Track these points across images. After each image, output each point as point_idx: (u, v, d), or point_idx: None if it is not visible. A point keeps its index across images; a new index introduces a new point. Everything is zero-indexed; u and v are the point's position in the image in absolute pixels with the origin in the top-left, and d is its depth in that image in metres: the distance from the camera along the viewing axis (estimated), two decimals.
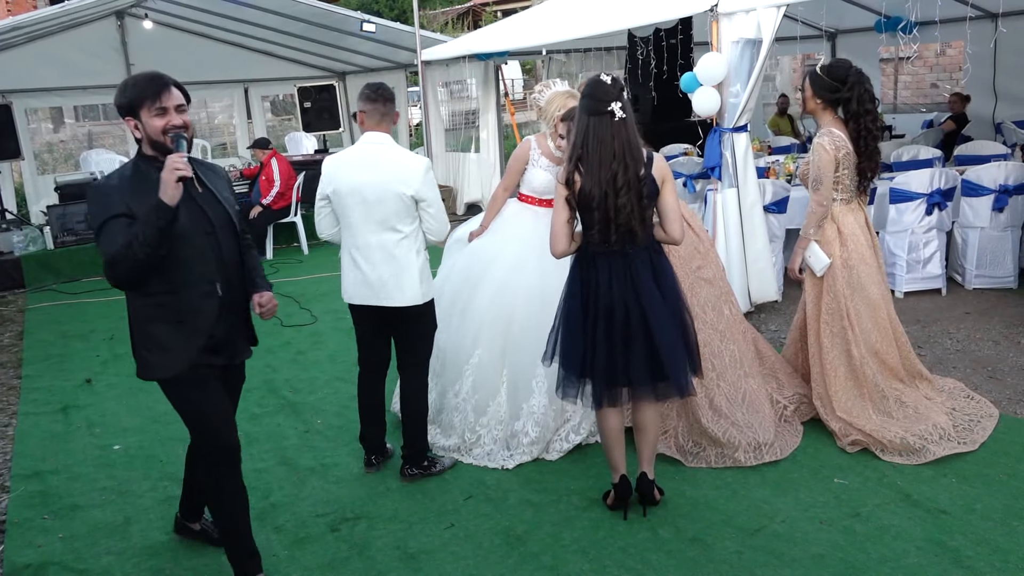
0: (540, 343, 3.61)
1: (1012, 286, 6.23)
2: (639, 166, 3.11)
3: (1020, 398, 4.35)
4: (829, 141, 3.87)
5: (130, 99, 2.76)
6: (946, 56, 13.37)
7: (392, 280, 3.65)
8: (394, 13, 25.09)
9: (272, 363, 5.72)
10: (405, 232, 3.62)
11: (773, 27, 5.31)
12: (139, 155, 2.85)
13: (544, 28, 8.64)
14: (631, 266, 3.17)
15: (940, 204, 6.09)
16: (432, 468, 3.89)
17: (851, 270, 3.97)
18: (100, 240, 2.72)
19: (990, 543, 3.09)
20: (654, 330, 3.16)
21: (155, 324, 2.84)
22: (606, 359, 3.19)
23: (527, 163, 4.15)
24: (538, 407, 3.94)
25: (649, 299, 3.17)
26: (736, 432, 3.83)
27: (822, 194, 3.89)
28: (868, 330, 4.01)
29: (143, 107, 2.75)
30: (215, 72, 12.25)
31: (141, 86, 2.78)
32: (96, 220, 2.74)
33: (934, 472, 3.63)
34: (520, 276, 3.99)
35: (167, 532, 3.55)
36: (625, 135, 3.10)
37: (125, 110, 2.78)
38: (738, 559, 3.10)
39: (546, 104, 4.05)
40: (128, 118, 2.78)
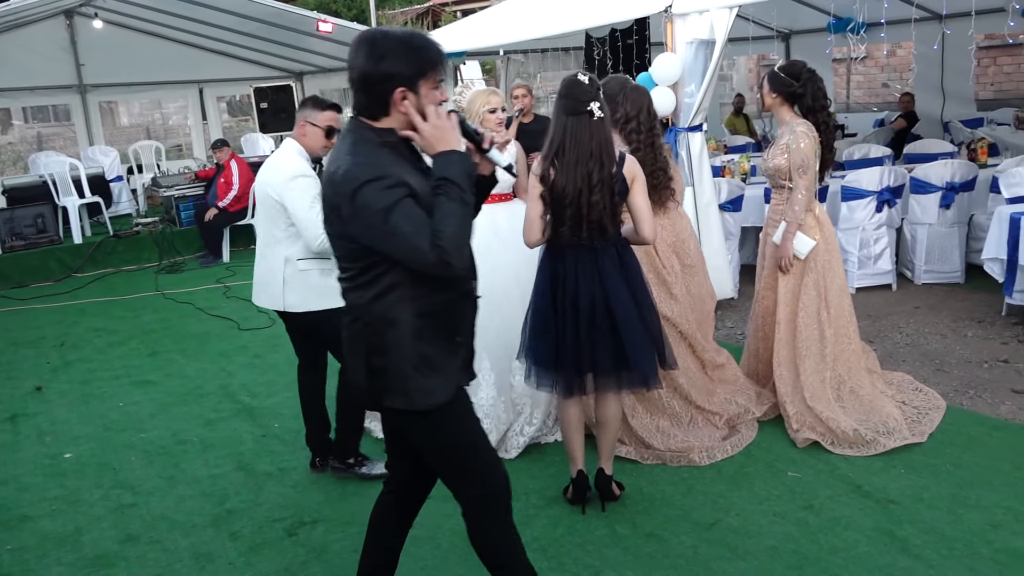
0: (487, 340, 3.69)
1: (959, 281, 6.38)
2: (612, 165, 3.18)
3: (966, 390, 4.47)
4: (807, 128, 3.98)
5: (420, 65, 2.16)
6: (896, 56, 13.67)
7: (262, 280, 3.74)
8: (352, 13, 24.89)
9: (228, 367, 5.65)
10: (278, 236, 3.61)
11: (726, 28, 5.38)
12: (374, 131, 2.21)
13: (502, 28, 8.65)
14: (598, 260, 3.23)
15: (890, 201, 6.23)
16: (356, 468, 3.87)
17: (829, 255, 4.10)
18: (400, 227, 2.09)
19: (937, 531, 3.17)
20: (619, 322, 3.22)
21: (424, 336, 2.26)
22: (573, 349, 3.24)
23: None
24: (486, 399, 3.99)
25: (615, 293, 3.23)
26: (689, 439, 3.90)
27: (809, 179, 3.98)
28: (838, 315, 4.10)
29: (426, 77, 2.18)
30: (169, 72, 12.06)
31: (426, 51, 2.19)
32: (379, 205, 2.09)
33: (884, 463, 3.71)
34: None
35: (120, 541, 3.49)
36: (602, 134, 3.17)
37: (402, 79, 2.15)
38: (694, 553, 3.14)
39: (468, 104, 4.17)
40: (401, 89, 2.15)
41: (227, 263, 9.04)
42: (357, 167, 2.14)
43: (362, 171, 2.13)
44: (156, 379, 5.53)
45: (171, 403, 5.07)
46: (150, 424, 4.76)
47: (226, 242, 9.19)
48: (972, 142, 7.37)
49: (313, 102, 3.69)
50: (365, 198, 2.10)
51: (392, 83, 2.16)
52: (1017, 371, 4.67)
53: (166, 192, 9.73)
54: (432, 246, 2.08)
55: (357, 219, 2.14)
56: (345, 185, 2.13)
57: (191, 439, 4.51)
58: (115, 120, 21.87)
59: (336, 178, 2.17)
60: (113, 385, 5.46)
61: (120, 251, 9.17)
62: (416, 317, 2.24)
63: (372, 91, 2.19)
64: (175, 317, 7.05)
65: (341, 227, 2.20)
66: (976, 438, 3.90)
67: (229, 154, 9.10)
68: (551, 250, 3.32)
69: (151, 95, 14.95)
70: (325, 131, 3.63)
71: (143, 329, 6.74)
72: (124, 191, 11.13)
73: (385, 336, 2.24)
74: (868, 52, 12.73)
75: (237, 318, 6.81)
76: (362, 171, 2.13)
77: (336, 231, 2.24)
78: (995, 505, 3.32)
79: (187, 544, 3.44)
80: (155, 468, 4.18)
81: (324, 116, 3.65)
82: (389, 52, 2.15)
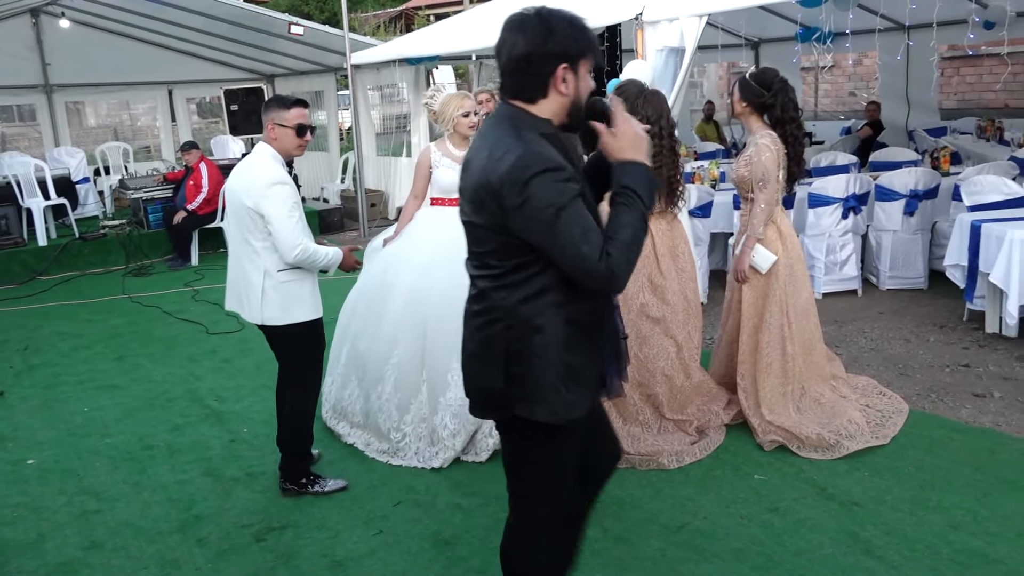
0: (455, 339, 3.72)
1: (923, 287, 6.51)
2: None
3: (928, 393, 4.56)
4: (771, 140, 3.98)
5: (583, 44, 2.10)
6: (863, 66, 13.90)
7: (237, 290, 3.68)
8: (324, 15, 24.78)
9: (196, 372, 5.60)
10: (256, 247, 3.52)
11: (695, 36, 5.45)
12: (533, 119, 2.10)
13: (475, 33, 8.67)
14: None
15: (855, 208, 6.33)
16: (309, 487, 3.79)
17: (791, 268, 4.12)
18: (569, 229, 1.98)
19: (899, 532, 3.23)
20: None
21: (571, 345, 2.14)
22: None
23: (431, 167, 4.32)
24: (455, 399, 4.01)
25: None
26: (659, 443, 3.94)
27: (769, 192, 3.98)
28: (802, 328, 4.15)
29: (586, 58, 2.11)
30: (137, 73, 11.94)
31: (589, 32, 2.12)
32: (552, 200, 1.98)
33: (848, 466, 3.77)
34: (431, 277, 4.09)
35: (83, 548, 3.45)
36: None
37: (567, 57, 2.07)
38: (661, 556, 3.17)
39: (441, 108, 4.25)
40: (565, 66, 2.07)
41: (196, 266, 8.94)
42: (530, 155, 1.99)
43: (536, 159, 1.99)
44: (122, 383, 5.46)
45: (137, 408, 5.01)
46: (116, 429, 4.70)
47: (195, 245, 9.10)
48: (935, 151, 7.52)
49: (277, 102, 3.58)
50: (537, 189, 1.97)
51: (557, 61, 2.06)
52: (977, 375, 4.77)
53: (134, 194, 9.61)
54: (602, 255, 1.98)
55: (523, 211, 1.98)
56: (515, 172, 1.98)
57: (158, 444, 4.46)
58: (82, 121, 21.56)
59: (501, 164, 2.00)
60: (78, 390, 5.39)
61: (86, 254, 9.05)
62: (565, 324, 2.10)
63: (534, 69, 2.07)
64: (142, 321, 6.97)
65: (499, 218, 2.03)
66: (937, 441, 3.98)
67: (198, 156, 9.01)
68: None
69: (119, 96, 14.76)
70: (295, 130, 3.53)
71: (109, 333, 6.66)
72: (91, 193, 10.97)
73: (530, 342, 2.10)
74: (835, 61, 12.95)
75: (205, 322, 6.75)
76: (536, 159, 1.99)
77: (489, 223, 2.06)
78: (955, 506, 3.39)
79: (153, 551, 3.41)
80: (120, 474, 4.13)
81: (292, 115, 3.53)
82: (558, 29, 2.06)
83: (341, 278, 4.87)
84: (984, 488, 3.52)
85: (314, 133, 3.63)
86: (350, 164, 11.60)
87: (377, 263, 4.42)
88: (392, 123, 13.87)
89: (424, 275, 4.11)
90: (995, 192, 5.71)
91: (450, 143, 4.33)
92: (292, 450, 3.79)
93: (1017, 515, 3.30)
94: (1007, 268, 4.79)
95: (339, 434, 4.37)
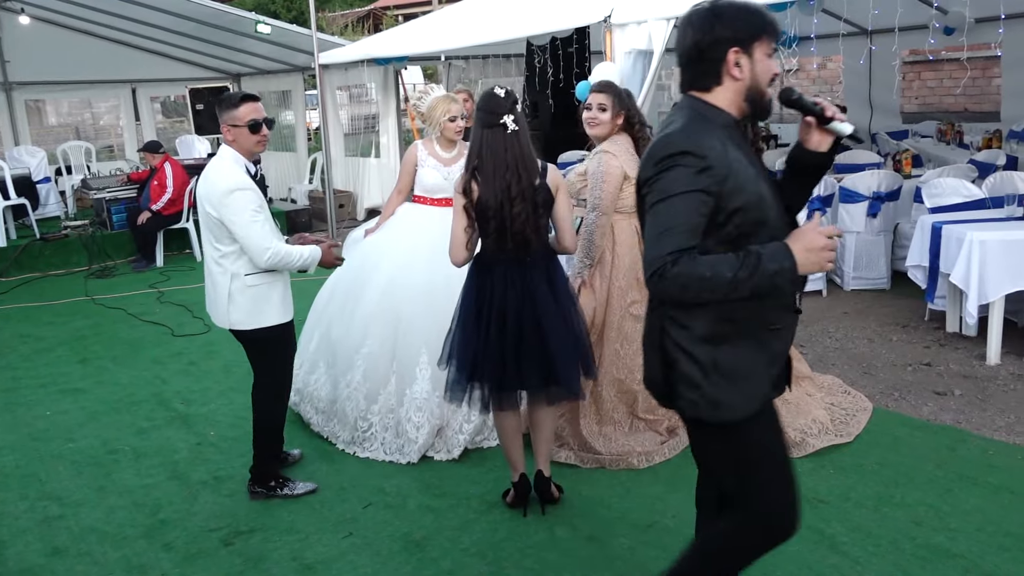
0: (426, 335, 3.93)
1: (885, 287, 6.63)
2: (532, 176, 3.20)
3: (891, 392, 4.64)
4: None
5: (754, 26, 2.04)
6: (827, 69, 14.11)
7: (210, 295, 3.64)
8: (291, 15, 24.60)
9: (161, 374, 5.52)
10: (223, 251, 3.49)
11: (663, 39, 5.49)
12: (711, 108, 2.08)
13: (443, 34, 8.67)
14: (526, 274, 3.24)
15: (820, 210, 6.43)
16: (278, 490, 3.75)
17: None
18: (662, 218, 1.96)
19: (863, 529, 3.29)
20: (548, 337, 3.23)
21: (722, 342, 2.06)
22: (496, 364, 3.24)
23: (416, 165, 4.38)
24: (420, 393, 4.04)
25: (544, 307, 3.24)
26: (630, 442, 3.96)
27: None
28: None
29: (761, 40, 2.05)
30: (100, 71, 11.73)
31: (761, 14, 2.07)
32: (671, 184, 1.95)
33: (813, 464, 3.82)
34: (408, 272, 4.14)
35: (46, 554, 3.38)
36: (517, 147, 3.18)
37: (736, 40, 2.03)
38: (631, 555, 3.19)
39: (429, 110, 4.29)
40: (735, 49, 2.03)
41: (161, 268, 8.81)
42: (680, 135, 1.99)
43: (683, 142, 1.97)
44: (86, 387, 5.36)
45: (101, 411, 4.93)
46: (79, 433, 4.62)
47: (160, 246, 8.96)
48: (897, 153, 7.66)
49: (226, 102, 3.46)
50: (667, 171, 1.96)
51: (727, 45, 2.03)
52: (938, 374, 4.87)
53: (97, 194, 9.45)
54: (665, 264, 1.92)
55: (653, 187, 1.99)
56: (659, 148, 1.99)
57: (123, 448, 4.40)
58: (42, 119, 21.16)
59: (657, 140, 2.04)
60: (40, 393, 5.28)
61: (47, 255, 8.87)
62: (715, 322, 2.04)
63: (704, 57, 2.05)
64: (106, 323, 6.86)
65: (642, 192, 2.07)
66: (900, 438, 4.05)
67: (162, 157, 8.88)
68: (478, 264, 3.31)
69: (81, 94, 14.50)
70: (249, 127, 3.43)
71: (72, 335, 6.54)
72: (52, 193, 10.76)
73: (677, 335, 2.08)
74: (800, 65, 13.13)
75: (171, 324, 6.66)
76: (683, 142, 1.97)
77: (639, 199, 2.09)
78: (918, 503, 3.46)
79: (118, 556, 3.36)
80: (84, 478, 4.06)
81: (242, 112, 3.42)
82: (724, 14, 2.04)
83: (312, 279, 4.85)
84: (945, 484, 3.59)
85: (271, 126, 3.54)
86: (318, 164, 11.51)
87: (356, 253, 4.46)
88: (361, 123, 13.81)
89: (401, 269, 4.16)
90: (955, 194, 5.83)
91: (437, 144, 4.38)
92: (261, 452, 3.76)
93: (977, 511, 3.38)
94: (967, 269, 4.89)
95: (305, 419, 4.41)
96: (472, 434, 4.09)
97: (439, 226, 4.23)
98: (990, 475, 3.65)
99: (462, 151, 4.43)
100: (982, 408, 4.37)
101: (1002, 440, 3.99)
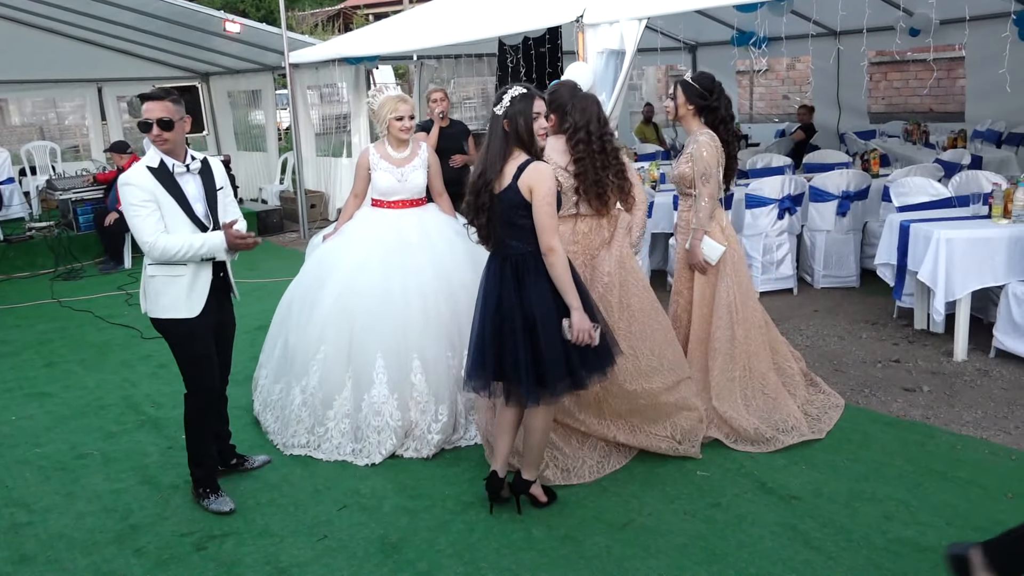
0: (381, 339, 3.99)
1: (855, 285, 6.71)
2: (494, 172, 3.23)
3: (861, 388, 4.70)
4: (709, 138, 4.11)
5: None
6: (796, 70, 14.27)
7: None
8: (261, 13, 24.35)
9: (131, 377, 5.44)
10: None
11: (635, 39, 5.52)
12: None
13: (415, 33, 8.63)
14: (517, 269, 3.24)
15: (791, 209, 6.50)
16: (200, 500, 3.69)
17: (735, 261, 4.24)
18: None
19: (835, 524, 3.32)
20: (539, 332, 3.21)
21: None
22: (495, 353, 3.28)
23: (369, 169, 4.39)
24: (378, 397, 4.05)
25: (531, 303, 3.21)
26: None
27: (711, 187, 4.10)
28: (747, 317, 4.24)
29: None
30: (65, 70, 11.55)
31: None
32: None
33: (786, 460, 3.86)
34: (363, 275, 4.15)
35: (13, 562, 3.31)
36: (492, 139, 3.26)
37: None
38: (607, 554, 3.20)
39: (379, 108, 4.30)
40: None
41: (129, 269, 8.69)
42: None
43: None
44: (52, 391, 5.27)
45: (69, 416, 4.84)
46: (46, 438, 4.53)
47: (128, 247, 8.83)
48: (865, 153, 7.77)
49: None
50: None
51: None
52: (907, 370, 4.94)
53: (62, 195, 9.29)
54: None
55: None
56: None
57: (91, 453, 4.32)
58: (5, 119, 20.77)
59: None
60: (5, 398, 5.18)
61: (11, 257, 8.70)
62: None
63: None
64: (73, 326, 6.74)
65: None
66: (871, 435, 4.10)
67: (130, 157, 8.73)
68: (488, 258, 3.39)
69: (45, 93, 14.23)
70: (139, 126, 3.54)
71: (38, 339, 6.42)
72: (16, 194, 10.57)
73: None
74: (770, 65, 13.26)
75: (140, 326, 6.55)
76: None
77: None
78: (888, 498, 3.50)
79: (88, 563, 3.30)
80: (52, 484, 3.99)
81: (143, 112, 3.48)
82: None
83: (284, 281, 4.80)
84: (915, 479, 3.65)
85: (167, 127, 3.44)
86: (289, 164, 11.41)
87: (313, 258, 4.48)
88: (332, 123, 13.71)
89: (356, 273, 4.16)
90: (922, 193, 5.92)
91: (388, 145, 4.40)
92: (189, 454, 3.71)
93: (946, 505, 3.43)
94: (934, 266, 4.97)
95: (264, 428, 4.39)
96: (443, 433, 4.08)
97: (394, 231, 4.25)
98: (959, 470, 3.71)
99: (415, 151, 4.43)
100: (950, 404, 4.44)
101: (970, 435, 4.06)
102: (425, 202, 4.49)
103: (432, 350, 4.11)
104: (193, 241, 3.45)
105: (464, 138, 6.44)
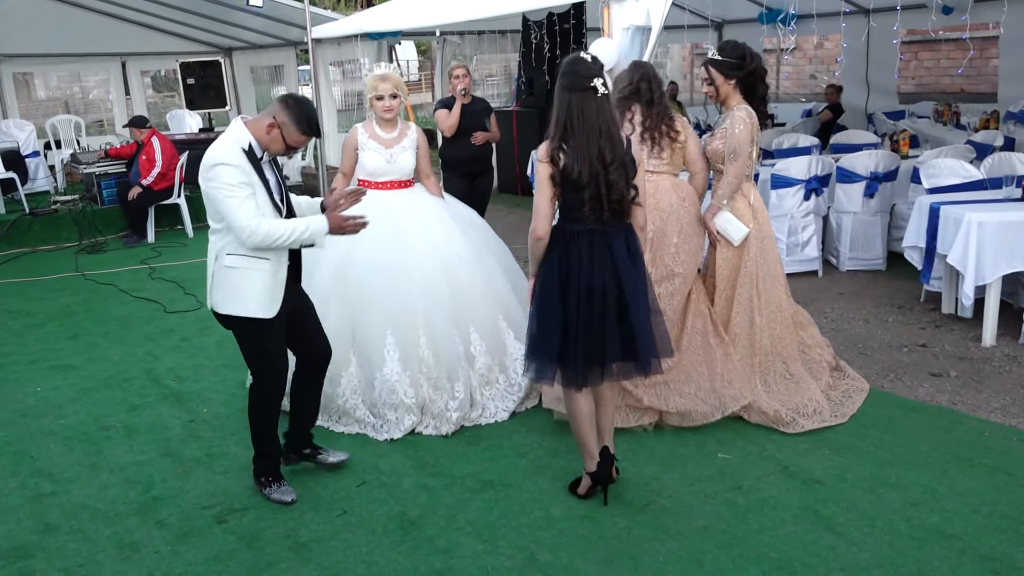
0: (388, 314, 3.98)
1: (881, 268, 6.61)
2: (624, 142, 3.12)
3: (887, 373, 4.63)
4: (747, 114, 4.02)
5: None
6: (823, 48, 14.03)
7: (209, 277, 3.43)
8: None
9: (153, 351, 5.47)
10: (213, 227, 3.35)
11: (662, 15, 5.41)
12: None
13: (438, 9, 8.54)
14: (612, 245, 3.14)
15: (817, 190, 6.40)
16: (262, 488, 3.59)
17: (762, 242, 4.15)
18: None
19: (859, 509, 3.28)
20: (631, 309, 3.14)
21: None
22: (585, 339, 3.14)
23: (357, 148, 4.35)
24: (391, 375, 4.03)
25: (628, 278, 3.15)
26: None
27: (739, 165, 4.02)
28: (770, 301, 4.18)
29: None
30: (89, 44, 11.57)
31: None
32: None
33: (809, 444, 3.82)
34: (358, 252, 4.12)
35: (38, 531, 3.35)
36: (608, 111, 3.09)
37: None
38: (627, 535, 3.18)
39: (366, 87, 4.31)
40: None
41: (152, 244, 8.73)
42: None
43: None
44: (77, 363, 5.32)
45: (93, 388, 4.89)
46: (70, 410, 4.58)
47: (151, 222, 8.88)
48: (895, 134, 7.62)
49: (297, 118, 3.27)
50: None
51: None
52: (934, 355, 4.87)
53: (86, 169, 9.34)
54: None
55: None
56: None
57: (114, 425, 4.36)
58: (31, 92, 20.93)
59: None
60: (30, 369, 5.24)
61: (37, 230, 8.77)
62: None
63: None
64: (97, 299, 6.79)
65: None
66: (896, 420, 4.05)
67: (149, 132, 8.76)
68: (561, 236, 3.17)
69: (70, 67, 14.31)
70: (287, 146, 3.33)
71: (62, 311, 6.48)
72: (41, 167, 10.64)
73: None
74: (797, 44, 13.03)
75: (163, 300, 6.60)
76: None
77: None
78: (913, 484, 3.46)
79: (110, 533, 3.33)
80: (76, 455, 4.03)
81: (295, 138, 3.31)
82: None
83: None
84: (941, 465, 3.59)
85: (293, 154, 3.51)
86: (311, 140, 11.40)
87: None
88: (354, 99, 13.67)
89: (351, 249, 4.12)
90: (953, 175, 5.80)
91: (376, 125, 4.36)
92: (254, 445, 3.61)
93: (972, 492, 3.38)
94: (964, 250, 4.87)
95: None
96: (460, 410, 4.07)
97: (383, 211, 4.15)
98: (986, 456, 3.65)
99: (404, 131, 4.39)
100: (978, 390, 4.37)
101: (997, 421, 4.00)
102: (413, 183, 4.46)
103: (438, 326, 4.10)
104: (297, 225, 3.26)
105: (486, 115, 6.36)
